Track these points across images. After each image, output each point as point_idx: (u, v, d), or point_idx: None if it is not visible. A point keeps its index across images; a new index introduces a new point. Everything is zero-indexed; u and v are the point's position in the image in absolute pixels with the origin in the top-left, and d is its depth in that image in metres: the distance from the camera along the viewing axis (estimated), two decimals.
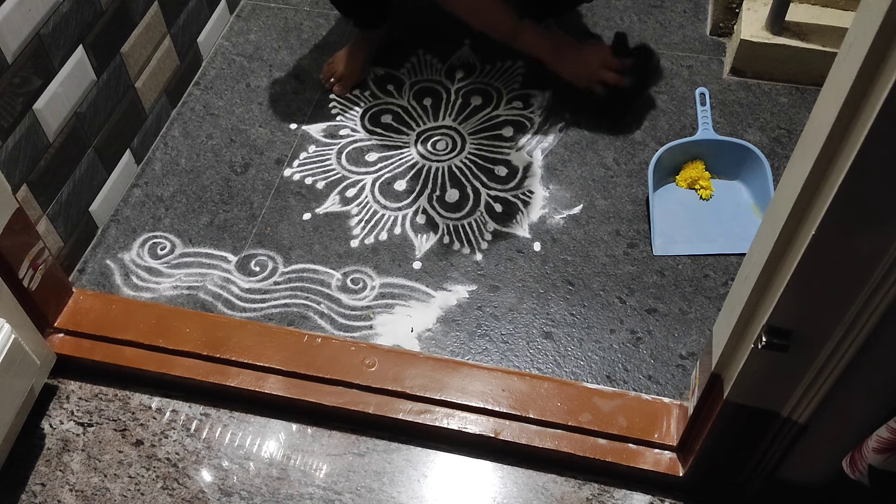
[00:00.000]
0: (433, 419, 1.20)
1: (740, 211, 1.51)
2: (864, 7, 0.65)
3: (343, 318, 1.36)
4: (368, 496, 1.17)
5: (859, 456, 0.93)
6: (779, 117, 1.65)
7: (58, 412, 1.25)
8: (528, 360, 1.31)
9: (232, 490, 1.18)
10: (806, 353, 0.86)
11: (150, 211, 1.51)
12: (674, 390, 1.27)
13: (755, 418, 0.97)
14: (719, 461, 1.09)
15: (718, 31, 1.81)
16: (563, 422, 1.18)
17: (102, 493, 1.17)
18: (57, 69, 1.28)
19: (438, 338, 1.34)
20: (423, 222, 1.50)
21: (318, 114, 1.67)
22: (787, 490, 1.09)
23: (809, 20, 1.67)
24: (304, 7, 1.89)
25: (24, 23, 1.19)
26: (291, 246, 1.46)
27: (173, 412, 1.25)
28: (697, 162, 1.54)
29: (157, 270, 1.42)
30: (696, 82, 1.72)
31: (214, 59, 1.78)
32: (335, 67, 1.71)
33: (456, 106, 1.69)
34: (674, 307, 1.37)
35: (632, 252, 1.45)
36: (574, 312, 1.37)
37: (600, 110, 1.62)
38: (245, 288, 1.40)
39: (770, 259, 0.81)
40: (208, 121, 1.66)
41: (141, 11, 1.49)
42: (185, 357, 1.25)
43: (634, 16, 1.86)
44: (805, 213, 0.75)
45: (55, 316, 1.28)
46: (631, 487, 1.18)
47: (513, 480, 1.19)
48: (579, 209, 1.51)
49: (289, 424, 1.24)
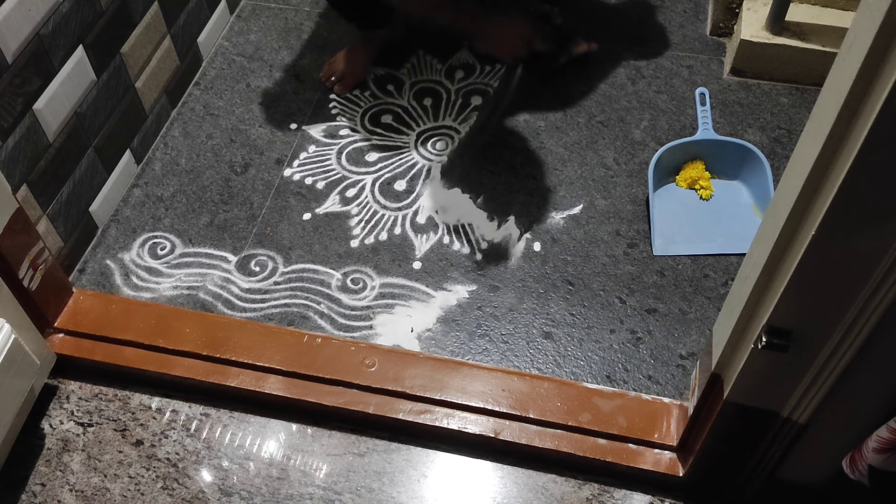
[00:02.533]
0: (433, 419, 1.20)
1: (740, 211, 1.51)
2: (864, 7, 0.65)
3: (343, 318, 1.36)
4: (368, 496, 1.17)
5: (859, 456, 0.93)
6: (779, 117, 1.65)
7: (58, 412, 1.25)
8: (528, 360, 1.31)
9: (232, 490, 1.18)
10: (806, 353, 0.86)
11: (150, 211, 1.51)
12: (674, 390, 1.27)
13: (755, 418, 0.97)
14: (719, 461, 1.09)
15: (718, 31, 1.81)
16: (563, 422, 1.18)
17: (102, 493, 1.17)
18: (57, 69, 1.28)
19: (438, 338, 1.34)
20: (423, 222, 1.50)
21: (318, 114, 1.67)
22: (787, 490, 1.09)
23: (809, 20, 1.67)
24: (304, 7, 1.89)
25: (24, 23, 1.19)
26: (291, 246, 1.46)
27: (173, 412, 1.25)
28: (697, 162, 1.54)
29: (157, 270, 1.42)
30: (696, 82, 1.72)
31: (214, 59, 1.78)
32: (336, 67, 1.71)
33: (456, 106, 1.69)
34: (674, 307, 1.37)
35: (632, 252, 1.45)
36: (574, 312, 1.37)
37: (527, 71, 1.56)
38: (245, 288, 1.40)
39: (770, 259, 0.81)
40: (208, 121, 1.66)
41: (141, 11, 1.49)
42: (185, 357, 1.25)
43: (634, 16, 1.86)
44: (805, 213, 0.75)
45: (55, 316, 1.28)
46: (631, 487, 1.18)
47: (513, 480, 1.19)
48: (579, 209, 1.51)
49: (289, 424, 1.24)
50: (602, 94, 1.70)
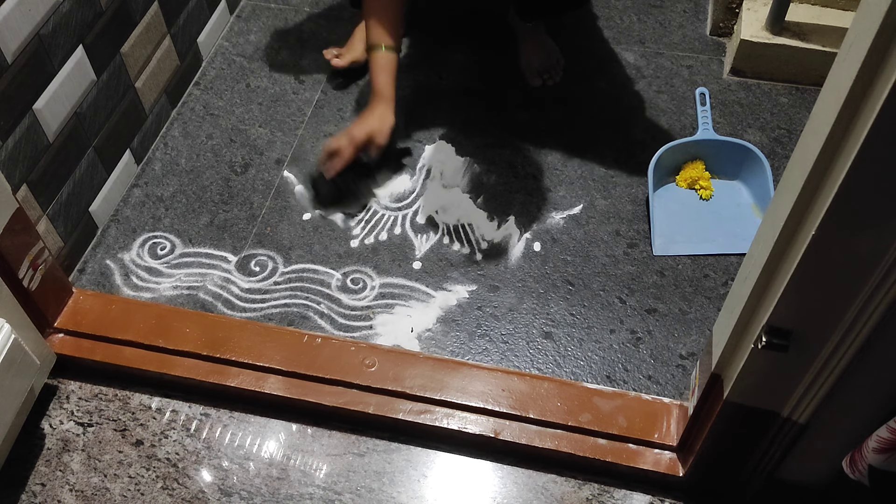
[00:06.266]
0: (433, 419, 1.20)
1: (740, 211, 1.51)
2: (864, 7, 0.65)
3: (343, 318, 1.36)
4: (368, 496, 1.17)
5: (859, 456, 0.93)
6: (779, 117, 1.65)
7: (58, 412, 1.25)
8: (528, 360, 1.31)
9: (232, 490, 1.18)
10: (806, 353, 0.86)
11: (150, 211, 1.51)
12: (674, 390, 1.27)
13: (755, 418, 0.97)
14: (719, 461, 1.09)
15: (718, 31, 1.81)
16: (563, 422, 1.18)
17: (102, 493, 1.17)
18: (57, 69, 1.28)
19: (438, 338, 1.34)
20: (423, 222, 1.50)
21: (318, 113, 1.67)
22: (787, 490, 1.09)
23: (809, 20, 1.67)
24: (304, 7, 1.89)
25: (24, 23, 1.19)
26: (291, 246, 1.46)
27: (173, 412, 1.25)
28: (697, 162, 1.54)
29: (157, 270, 1.42)
30: (696, 82, 1.72)
31: (214, 60, 1.78)
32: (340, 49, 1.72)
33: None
34: (674, 307, 1.37)
35: (632, 252, 1.45)
36: (574, 312, 1.37)
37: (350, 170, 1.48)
38: (245, 288, 1.40)
39: (770, 259, 0.81)
40: (208, 121, 1.66)
41: (141, 11, 1.49)
42: (185, 357, 1.25)
43: (634, 16, 1.86)
44: (805, 213, 0.75)
45: (55, 316, 1.28)
46: (631, 487, 1.18)
47: (513, 480, 1.19)
48: (579, 209, 1.51)
49: (289, 424, 1.24)
50: (602, 94, 1.70)
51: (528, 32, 1.71)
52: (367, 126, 1.45)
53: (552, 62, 1.71)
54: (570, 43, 1.78)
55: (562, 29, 1.81)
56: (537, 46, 1.71)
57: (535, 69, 1.70)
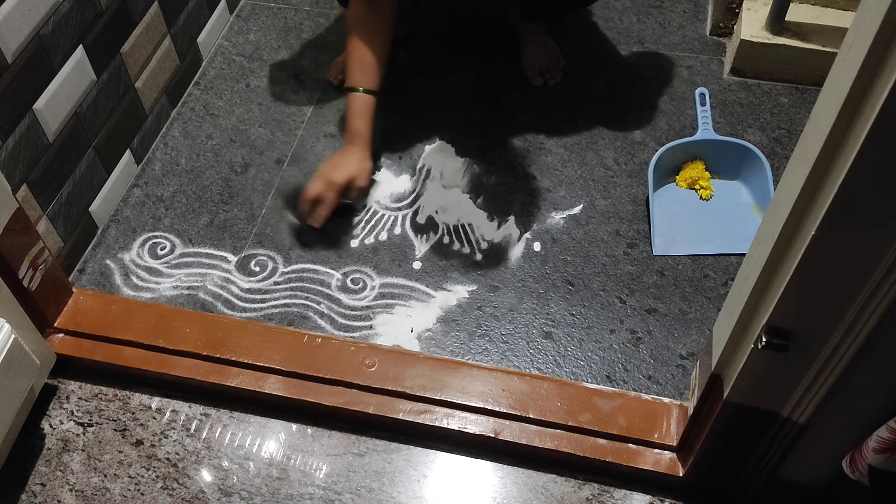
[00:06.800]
0: (433, 419, 1.20)
1: (740, 211, 1.51)
2: (864, 7, 0.65)
3: (343, 318, 1.36)
4: (368, 496, 1.17)
5: (859, 456, 0.93)
6: (779, 117, 1.65)
7: (58, 412, 1.25)
8: (528, 360, 1.31)
9: (232, 490, 1.18)
10: (806, 353, 0.86)
11: (150, 211, 1.51)
12: (674, 390, 1.27)
13: (755, 418, 0.97)
14: (719, 461, 1.09)
15: (718, 31, 1.81)
16: (563, 422, 1.18)
17: (102, 493, 1.17)
18: (57, 69, 1.28)
19: (438, 338, 1.34)
20: (423, 222, 1.50)
21: (318, 113, 1.67)
22: (787, 490, 1.09)
23: (809, 20, 1.67)
24: (304, 7, 1.89)
25: (24, 23, 1.19)
26: (291, 246, 1.46)
27: (173, 412, 1.25)
28: (697, 162, 1.54)
29: (157, 270, 1.42)
30: (696, 82, 1.72)
31: (214, 59, 1.78)
32: (342, 64, 1.71)
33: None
34: (674, 307, 1.37)
35: (632, 252, 1.45)
36: (574, 312, 1.37)
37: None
38: (245, 288, 1.40)
39: (770, 259, 0.81)
40: (208, 121, 1.66)
41: (141, 11, 1.49)
42: (185, 357, 1.25)
43: (634, 16, 1.86)
44: (805, 213, 0.75)
45: (55, 316, 1.28)
46: (631, 487, 1.18)
47: (513, 480, 1.19)
48: (579, 209, 1.51)
49: (289, 424, 1.24)
50: (602, 94, 1.70)
51: (529, 32, 1.71)
52: (347, 171, 1.43)
53: (553, 62, 1.71)
54: (570, 43, 1.78)
55: (562, 29, 1.81)
56: (539, 46, 1.71)
57: (537, 69, 1.70)
